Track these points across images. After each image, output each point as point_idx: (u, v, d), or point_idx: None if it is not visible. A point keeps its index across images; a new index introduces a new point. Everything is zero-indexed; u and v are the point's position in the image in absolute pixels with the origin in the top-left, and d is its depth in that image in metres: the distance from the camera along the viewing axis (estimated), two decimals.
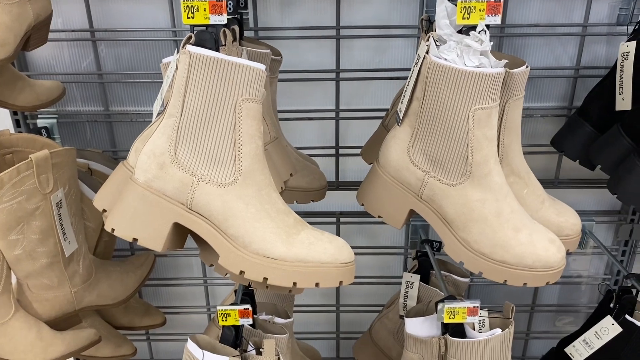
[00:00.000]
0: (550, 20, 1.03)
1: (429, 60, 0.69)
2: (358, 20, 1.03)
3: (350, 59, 1.06)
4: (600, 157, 0.91)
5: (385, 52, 1.06)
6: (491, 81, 0.68)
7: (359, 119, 1.09)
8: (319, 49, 1.05)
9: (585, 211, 1.18)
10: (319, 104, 1.09)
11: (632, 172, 0.82)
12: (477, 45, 0.68)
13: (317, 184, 0.95)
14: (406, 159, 0.74)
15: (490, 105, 0.69)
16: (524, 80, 0.75)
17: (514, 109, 0.76)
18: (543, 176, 1.15)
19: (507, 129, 0.77)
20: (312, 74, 1.06)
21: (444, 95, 0.69)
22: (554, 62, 1.06)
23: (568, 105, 1.08)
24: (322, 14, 1.03)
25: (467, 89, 0.68)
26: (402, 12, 1.02)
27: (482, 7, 0.68)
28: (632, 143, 0.87)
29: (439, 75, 0.69)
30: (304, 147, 1.11)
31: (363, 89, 1.08)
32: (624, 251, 1.21)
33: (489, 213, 0.71)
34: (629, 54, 0.90)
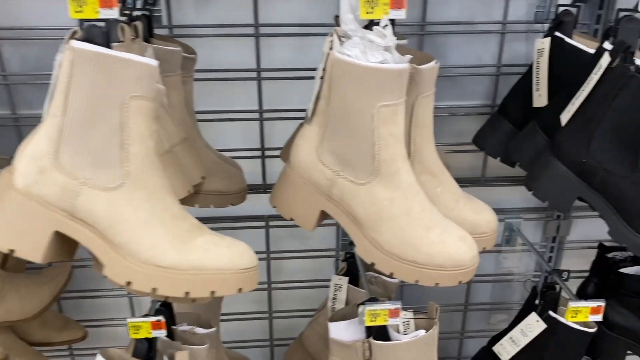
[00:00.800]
0: (470, 18, 1.02)
1: (332, 56, 0.67)
2: (277, 18, 1.00)
3: (271, 57, 1.03)
4: (518, 154, 0.91)
5: (307, 51, 1.03)
6: (395, 77, 0.66)
7: (284, 120, 1.06)
8: (238, 48, 1.02)
9: (513, 209, 1.19)
10: (242, 105, 1.06)
11: (546, 167, 0.82)
12: (380, 41, 0.66)
13: (235, 186, 0.92)
14: (315, 158, 0.72)
15: (395, 102, 0.67)
16: (432, 76, 0.74)
17: (423, 106, 0.75)
18: (469, 174, 1.15)
19: (417, 127, 0.76)
20: (233, 73, 1.03)
21: (348, 93, 0.67)
22: (476, 60, 1.06)
23: (491, 103, 1.09)
24: (240, 11, 1.00)
25: (371, 86, 0.66)
26: (321, 9, 1.00)
27: (385, 1, 0.67)
28: (546, 139, 0.87)
29: (343, 72, 0.67)
30: (227, 150, 1.08)
31: (286, 88, 1.05)
32: (552, 247, 1.23)
33: (398, 212, 0.69)
34: (543, 51, 0.91)
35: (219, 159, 0.94)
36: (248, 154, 1.09)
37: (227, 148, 1.07)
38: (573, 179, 0.79)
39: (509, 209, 1.19)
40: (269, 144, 1.09)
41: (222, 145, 1.07)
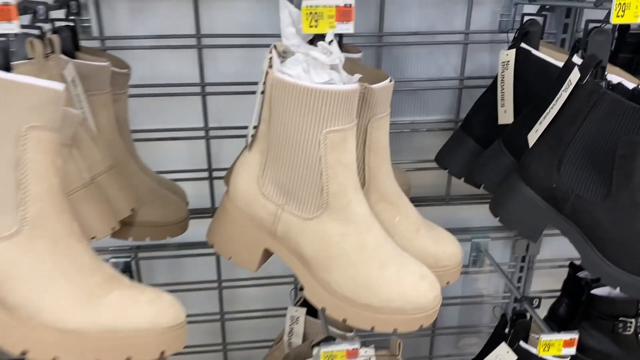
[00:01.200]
0: (431, 28, 0.96)
1: (271, 76, 0.59)
2: (221, 28, 0.91)
3: (216, 70, 0.94)
4: (482, 176, 0.84)
5: (255, 63, 0.94)
6: (343, 99, 0.58)
7: (233, 138, 0.98)
8: (179, 60, 0.93)
9: (480, 228, 1.12)
10: (186, 122, 0.97)
11: (513, 192, 0.75)
12: (325, 58, 0.58)
13: (173, 216, 0.82)
14: (256, 190, 0.64)
15: (343, 127, 0.59)
16: (387, 96, 0.66)
17: (378, 129, 0.67)
18: (433, 193, 1.08)
19: (372, 151, 0.68)
20: (174, 88, 0.93)
21: (290, 117, 0.59)
22: (437, 72, 0.99)
23: (454, 117, 1.02)
24: (180, 21, 0.91)
25: (316, 110, 0.58)
26: (269, 18, 0.92)
27: (330, 14, 0.59)
28: (513, 160, 0.80)
29: (284, 93, 0.58)
30: (170, 171, 0.98)
31: (234, 103, 0.97)
32: (521, 267, 1.17)
33: (350, 248, 0.61)
34: (508, 63, 0.84)
35: (157, 185, 0.85)
36: (194, 175, 1.00)
37: (170, 170, 0.98)
38: (542, 205, 0.73)
39: (476, 228, 1.12)
40: (216, 164, 1.01)
41: (165, 167, 0.98)
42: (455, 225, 1.11)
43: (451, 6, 0.95)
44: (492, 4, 0.95)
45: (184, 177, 0.99)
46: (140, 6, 0.89)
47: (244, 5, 0.91)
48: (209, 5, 0.90)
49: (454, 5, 0.95)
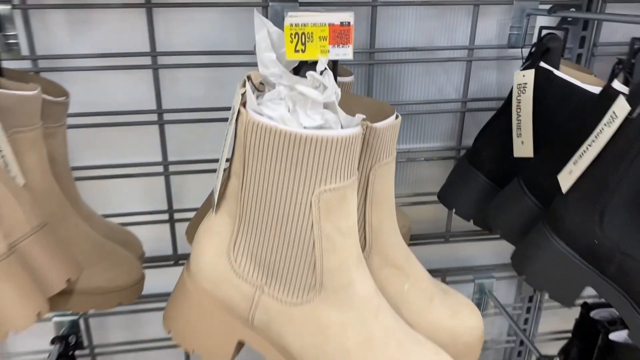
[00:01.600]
0: (429, 43, 0.82)
1: (245, 117, 0.44)
2: (180, 44, 0.76)
3: (176, 94, 0.79)
4: (499, 222, 0.70)
5: (223, 85, 0.79)
6: (341, 149, 0.43)
7: (197, 173, 0.82)
8: (131, 83, 0.77)
9: (483, 266, 0.99)
10: (141, 156, 0.81)
11: (543, 248, 0.62)
12: (317, 95, 0.43)
13: (124, 279, 0.67)
14: (227, 265, 0.48)
15: (342, 183, 0.45)
16: (393, 136, 0.52)
17: (382, 177, 0.53)
18: (432, 229, 0.94)
19: (374, 205, 0.54)
20: (125, 117, 0.77)
21: (272, 172, 0.44)
22: (437, 93, 0.85)
23: (456, 145, 0.88)
24: (131, 36, 0.75)
25: (306, 163, 0.43)
26: (239, 32, 0.77)
27: (322, 34, 0.44)
28: (537, 203, 0.67)
29: (262, 141, 0.44)
30: (122, 214, 0.82)
31: (198, 133, 0.81)
32: (528, 308, 1.04)
33: (352, 343, 0.47)
34: (526, 86, 0.71)
35: (105, 239, 0.69)
36: (152, 217, 0.84)
37: (123, 212, 0.82)
38: (580, 264, 0.59)
39: (479, 267, 0.99)
40: (178, 203, 0.85)
41: (116, 209, 0.82)
42: (456, 264, 0.98)
43: (452, 18, 0.81)
44: (500, 15, 0.82)
45: (140, 220, 0.84)
46: (81, 18, 0.73)
47: (208, 17, 0.75)
48: (166, 17, 0.74)
49: (455, 17, 0.81)
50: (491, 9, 0.81)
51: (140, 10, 0.73)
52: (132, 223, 0.83)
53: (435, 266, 0.97)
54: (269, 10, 0.73)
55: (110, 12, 0.73)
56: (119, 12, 0.73)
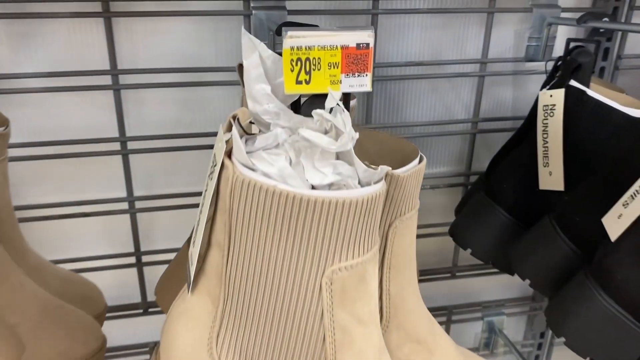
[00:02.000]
0: (436, 56, 0.71)
1: (231, 173, 0.33)
2: (147, 61, 0.64)
3: (142, 119, 0.67)
4: (526, 269, 0.60)
5: (199, 107, 0.68)
6: (361, 214, 0.32)
7: (167, 210, 0.70)
8: (88, 106, 0.65)
9: (493, 301, 0.89)
10: (102, 191, 0.69)
11: (586, 305, 0.52)
12: (328, 142, 0.32)
13: (80, 351, 0.55)
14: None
15: (361, 258, 0.34)
16: (417, 184, 0.41)
17: (403, 234, 0.42)
18: (437, 263, 0.84)
19: (394, 268, 0.43)
20: (82, 146, 0.65)
21: (267, 245, 0.33)
22: (444, 112, 0.75)
23: (465, 170, 0.78)
24: (87, 52, 0.62)
25: (314, 235, 0.32)
26: (217, 44, 0.65)
27: (333, 60, 0.34)
28: (575, 249, 0.57)
29: (253, 204, 0.32)
30: (81, 259, 0.70)
31: (168, 163, 0.69)
32: (540, 344, 0.94)
33: None
34: (554, 108, 0.61)
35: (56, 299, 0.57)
36: (116, 261, 0.72)
37: (81, 256, 0.70)
38: (635, 328, 0.49)
39: (488, 302, 0.89)
40: (147, 244, 0.73)
41: (73, 254, 0.70)
42: (463, 300, 0.88)
43: (463, 27, 0.71)
44: (516, 24, 0.72)
45: (102, 265, 0.71)
46: (26, 30, 0.60)
47: (179, 27, 0.64)
48: (128, 28, 0.62)
49: (466, 26, 0.71)
50: (507, 17, 0.71)
51: (97, 21, 0.61)
52: (92, 269, 0.71)
53: (441, 303, 0.87)
54: (252, 19, 0.61)
55: (60, 23, 0.61)
56: (72, 23, 0.61)
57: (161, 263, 0.73)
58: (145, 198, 0.69)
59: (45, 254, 0.66)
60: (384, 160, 0.44)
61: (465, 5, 0.69)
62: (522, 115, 0.73)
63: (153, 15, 0.61)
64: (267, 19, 0.62)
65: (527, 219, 0.64)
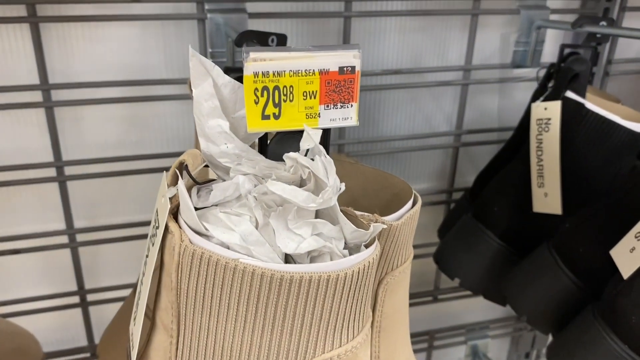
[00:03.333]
0: (416, 63, 0.64)
1: (177, 239, 0.25)
2: (84, 72, 0.55)
3: (80, 140, 0.57)
4: (523, 303, 0.53)
5: (146, 124, 0.59)
6: (347, 290, 0.25)
7: (114, 242, 0.61)
8: (16, 127, 0.55)
9: (476, 324, 0.83)
10: (37, 223, 0.59)
11: (594, 349, 0.45)
12: (305, 199, 0.24)
13: None
14: None
15: (350, 344, 0.26)
16: (411, 230, 0.34)
17: (394, 291, 0.35)
18: (418, 286, 0.77)
19: (384, 331, 0.35)
20: (11, 173, 0.56)
21: (226, 333, 0.25)
22: (424, 124, 0.68)
23: (447, 186, 0.71)
24: (12, 63, 0.53)
25: (290, 321, 0.24)
26: (165, 53, 0.56)
27: (309, 87, 0.26)
28: (576, 281, 0.51)
29: (207, 282, 0.24)
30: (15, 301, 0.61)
31: (112, 189, 0.60)
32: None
33: None
34: (549, 122, 0.55)
35: None
36: (58, 302, 0.63)
37: (15, 299, 0.61)
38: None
39: (471, 324, 0.83)
40: (91, 281, 0.64)
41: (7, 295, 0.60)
42: (446, 323, 0.82)
43: (444, 31, 0.64)
44: (502, 27, 0.65)
45: (40, 306, 0.62)
46: None
47: (122, 33, 0.54)
48: (61, 35, 0.53)
49: (448, 30, 0.64)
50: (492, 20, 0.64)
51: (22, 27, 0.52)
52: (29, 311, 0.61)
53: (423, 327, 0.80)
54: (207, 24, 0.53)
55: None
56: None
57: (109, 301, 0.64)
58: (88, 230, 0.60)
59: None
60: (369, 200, 0.37)
61: (447, 7, 0.62)
62: (509, 126, 0.67)
63: (90, 20, 0.52)
64: (225, 23, 0.53)
65: (521, 245, 0.58)
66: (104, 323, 0.65)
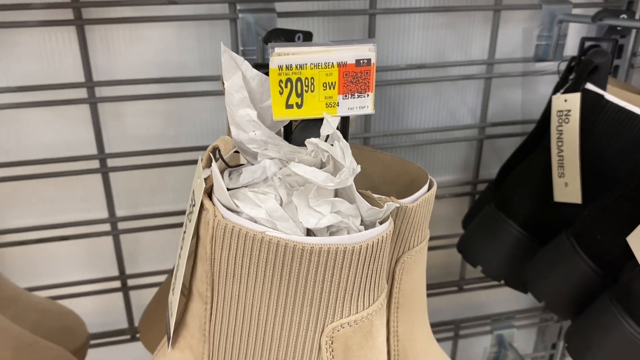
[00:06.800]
0: (439, 58, 0.66)
1: (212, 217, 0.28)
2: (125, 70, 0.59)
3: (122, 133, 0.61)
4: (543, 289, 0.55)
5: (183, 119, 0.63)
6: (363, 261, 0.27)
7: (153, 230, 0.65)
8: (63, 122, 0.60)
9: (502, 314, 0.85)
10: (81, 212, 0.64)
11: (611, 332, 0.47)
12: (325, 178, 0.27)
13: None
14: None
15: (366, 311, 0.29)
16: (427, 213, 0.36)
17: (411, 270, 0.37)
18: (443, 276, 0.79)
19: (402, 308, 0.38)
20: (58, 165, 0.60)
21: (256, 300, 0.28)
22: (449, 117, 0.70)
23: (472, 178, 0.73)
24: (59, 63, 0.57)
25: (311, 288, 0.27)
26: (200, 52, 0.60)
27: (329, 79, 0.29)
28: (595, 268, 0.52)
29: (239, 253, 0.27)
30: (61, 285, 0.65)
31: (152, 180, 0.64)
32: (551, 355, 0.90)
33: None
34: (569, 114, 0.56)
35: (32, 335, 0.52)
36: (100, 286, 0.67)
37: (61, 282, 0.65)
38: None
39: (497, 315, 0.85)
40: (132, 267, 0.68)
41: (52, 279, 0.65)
42: (471, 313, 0.84)
43: (468, 27, 0.66)
44: (525, 22, 0.67)
45: (84, 290, 0.66)
46: None
47: (160, 34, 0.58)
48: (104, 37, 0.57)
49: (471, 26, 0.66)
50: (514, 15, 0.66)
51: (69, 29, 0.56)
52: (74, 295, 0.66)
53: (448, 317, 0.82)
54: (238, 23, 0.56)
55: (29, 33, 0.55)
56: (42, 32, 0.56)
57: (148, 287, 0.68)
58: (129, 218, 0.64)
59: (22, 281, 0.62)
60: (388, 186, 0.39)
61: (470, 3, 0.64)
62: (532, 119, 0.68)
63: (130, 21, 0.56)
64: (255, 22, 0.57)
65: (542, 234, 0.59)
66: (143, 307, 0.69)
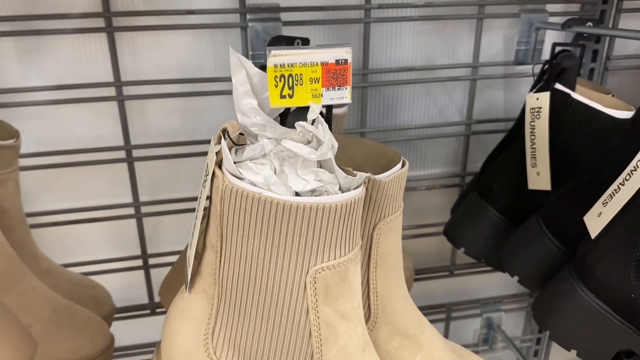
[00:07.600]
0: (428, 61, 0.74)
1: (221, 181, 0.35)
2: (149, 72, 0.67)
3: (146, 128, 0.70)
4: (515, 266, 0.62)
5: (200, 115, 0.71)
6: (341, 217, 0.35)
7: (172, 214, 0.73)
8: (93, 117, 0.68)
9: (491, 298, 0.91)
10: (108, 197, 0.72)
11: (569, 298, 0.54)
12: (309, 152, 0.35)
13: (88, 349, 0.58)
14: (204, 356, 0.40)
15: (343, 258, 0.37)
16: (400, 188, 0.44)
17: (387, 236, 0.44)
18: (435, 262, 0.86)
19: (380, 268, 0.45)
20: (89, 155, 0.68)
21: (255, 247, 0.36)
22: (438, 116, 0.77)
23: (460, 171, 0.80)
24: (91, 64, 0.66)
25: (297, 237, 0.35)
26: (215, 56, 0.68)
27: (314, 76, 0.36)
28: (559, 245, 0.59)
29: (242, 210, 0.35)
30: (89, 262, 0.73)
31: (171, 169, 0.72)
32: (538, 339, 0.96)
33: None
34: (540, 111, 0.63)
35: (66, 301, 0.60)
36: (124, 264, 0.75)
37: (89, 260, 0.73)
38: (615, 320, 0.52)
39: (486, 299, 0.91)
40: (153, 247, 0.76)
41: (82, 257, 0.73)
42: (462, 297, 0.90)
43: (454, 33, 0.73)
44: (506, 29, 0.74)
45: (110, 267, 0.74)
46: (33, 46, 0.64)
47: (179, 40, 0.66)
48: (131, 42, 0.66)
49: (457, 32, 0.73)
50: (496, 23, 0.73)
51: (100, 35, 0.64)
52: (101, 271, 0.74)
53: (440, 301, 0.89)
54: (248, 31, 0.64)
55: (65, 39, 0.64)
56: (76, 38, 0.64)
57: (167, 265, 0.76)
58: (151, 203, 0.72)
59: (55, 258, 0.70)
60: (370, 166, 0.47)
61: (456, 13, 0.71)
62: (513, 117, 0.75)
63: (154, 29, 0.64)
64: (263, 30, 0.65)
65: (518, 218, 0.66)
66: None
